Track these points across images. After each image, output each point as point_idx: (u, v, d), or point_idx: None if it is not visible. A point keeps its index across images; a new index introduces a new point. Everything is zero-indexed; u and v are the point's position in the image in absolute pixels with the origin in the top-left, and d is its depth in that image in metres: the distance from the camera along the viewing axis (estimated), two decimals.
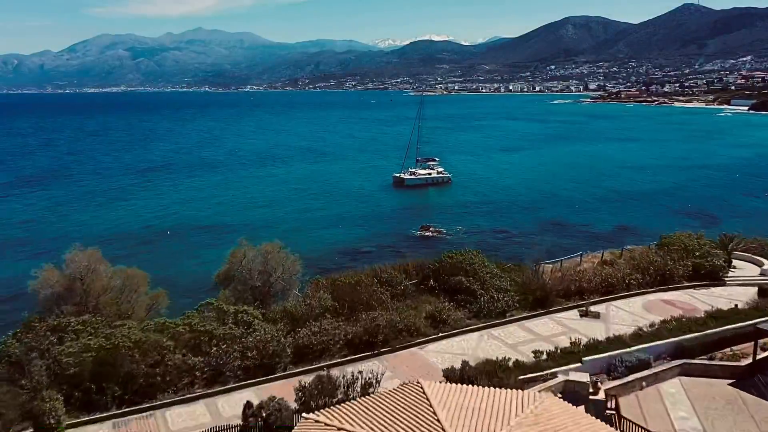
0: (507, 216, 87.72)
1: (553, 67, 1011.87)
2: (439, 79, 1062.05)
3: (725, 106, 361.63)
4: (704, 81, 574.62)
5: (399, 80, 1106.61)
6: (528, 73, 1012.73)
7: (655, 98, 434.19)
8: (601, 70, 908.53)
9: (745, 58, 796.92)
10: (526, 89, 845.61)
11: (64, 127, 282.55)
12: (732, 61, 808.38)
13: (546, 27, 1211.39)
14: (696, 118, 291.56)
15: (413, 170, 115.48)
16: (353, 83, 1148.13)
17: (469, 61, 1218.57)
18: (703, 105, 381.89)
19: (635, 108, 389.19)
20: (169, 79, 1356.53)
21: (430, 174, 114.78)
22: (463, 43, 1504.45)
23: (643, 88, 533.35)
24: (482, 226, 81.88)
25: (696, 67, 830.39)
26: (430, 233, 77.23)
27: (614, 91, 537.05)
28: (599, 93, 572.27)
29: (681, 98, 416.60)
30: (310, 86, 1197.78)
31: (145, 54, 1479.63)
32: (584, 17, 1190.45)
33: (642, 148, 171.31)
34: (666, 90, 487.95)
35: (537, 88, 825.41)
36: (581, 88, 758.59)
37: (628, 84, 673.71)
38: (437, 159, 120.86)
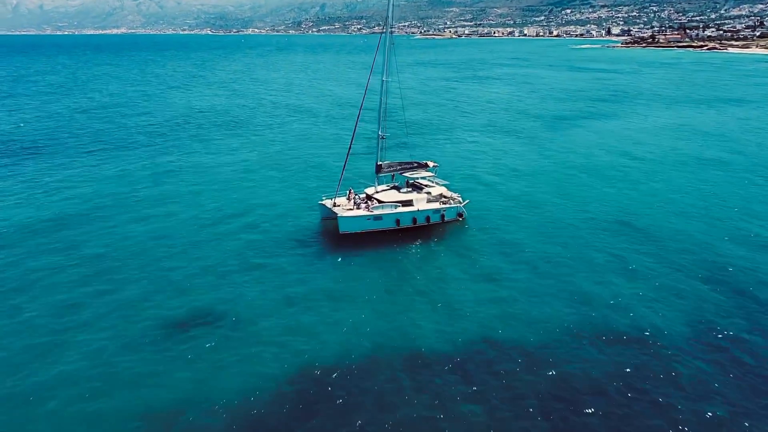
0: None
1: (569, 11, 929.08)
2: (448, 23, 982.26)
3: None
4: (744, 25, 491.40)
5: (407, 24, 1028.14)
6: (542, 18, 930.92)
7: (702, 43, 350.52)
8: (620, 15, 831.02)
9: None
10: (542, 33, 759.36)
11: None
12: (761, 5, 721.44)
13: None
14: None
15: (370, 193, 45.29)
16: (359, 27, 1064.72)
17: (480, 4, 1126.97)
18: (765, 51, 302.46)
19: (686, 54, 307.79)
20: (170, 21, 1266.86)
21: (409, 205, 43.18)
22: None
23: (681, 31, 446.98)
24: None
25: (722, 12, 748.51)
26: None
27: (647, 35, 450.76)
28: (625, 38, 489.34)
29: (735, 43, 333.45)
30: (314, 30, 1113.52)
31: None
32: None
33: None
34: (709, 34, 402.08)
35: (554, 33, 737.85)
36: (603, 33, 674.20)
37: (654, 29, 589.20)
38: (433, 164, 47.73)
